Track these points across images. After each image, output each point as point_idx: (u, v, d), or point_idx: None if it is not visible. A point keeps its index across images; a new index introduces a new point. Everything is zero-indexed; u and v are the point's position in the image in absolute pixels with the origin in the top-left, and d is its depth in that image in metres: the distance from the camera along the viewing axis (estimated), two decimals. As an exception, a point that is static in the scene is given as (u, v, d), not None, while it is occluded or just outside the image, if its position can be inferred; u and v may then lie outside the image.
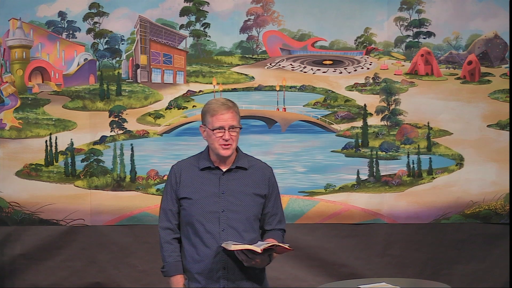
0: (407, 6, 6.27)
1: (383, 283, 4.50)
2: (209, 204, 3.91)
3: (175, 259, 3.94)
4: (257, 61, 6.33)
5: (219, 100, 3.96)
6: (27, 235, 6.29)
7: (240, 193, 3.93)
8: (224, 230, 3.88)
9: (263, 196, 3.98)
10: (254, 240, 3.88)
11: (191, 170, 3.97)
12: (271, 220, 4.02)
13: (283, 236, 4.06)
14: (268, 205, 4.01)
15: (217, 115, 3.89)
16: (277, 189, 4.09)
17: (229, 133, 3.88)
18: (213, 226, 3.88)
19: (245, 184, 3.95)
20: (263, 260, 3.81)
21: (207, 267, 3.88)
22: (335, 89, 6.34)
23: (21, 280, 6.27)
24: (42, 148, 6.31)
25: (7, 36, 6.31)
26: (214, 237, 3.87)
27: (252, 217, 3.93)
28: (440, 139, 6.29)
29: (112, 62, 6.33)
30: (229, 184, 3.94)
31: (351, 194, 6.28)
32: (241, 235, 3.88)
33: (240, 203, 3.92)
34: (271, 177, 4.05)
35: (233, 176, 3.96)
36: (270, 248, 3.74)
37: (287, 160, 6.32)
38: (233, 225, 3.89)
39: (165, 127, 6.31)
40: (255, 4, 6.28)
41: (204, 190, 3.93)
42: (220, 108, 3.90)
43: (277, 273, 6.22)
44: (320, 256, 6.24)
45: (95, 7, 6.29)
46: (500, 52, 6.29)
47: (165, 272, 3.96)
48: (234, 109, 3.91)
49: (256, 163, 4.05)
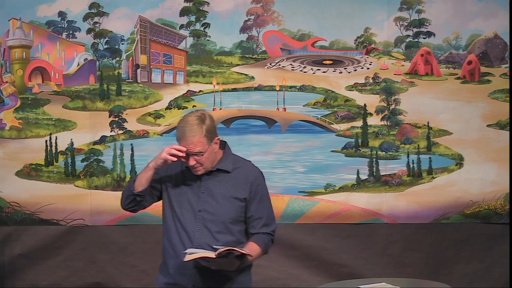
0: (407, 6, 6.27)
1: (383, 283, 4.50)
2: (188, 203, 3.90)
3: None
4: (257, 61, 6.33)
5: (185, 124, 3.85)
6: (27, 235, 6.30)
7: (218, 195, 3.91)
8: (199, 230, 3.87)
9: (242, 199, 3.93)
10: (230, 242, 3.84)
11: (181, 166, 3.96)
12: (255, 223, 3.97)
13: (271, 240, 4.02)
14: (251, 209, 3.95)
15: (180, 142, 3.85)
16: (264, 193, 4.01)
17: (193, 158, 3.83)
18: (189, 225, 3.88)
19: (225, 186, 3.92)
20: (227, 263, 3.76)
21: (180, 264, 3.87)
22: (335, 89, 6.34)
23: (21, 280, 6.27)
24: (42, 148, 6.31)
25: (7, 36, 6.31)
26: (188, 236, 3.87)
27: (229, 220, 3.90)
28: (440, 139, 6.29)
29: (112, 62, 6.34)
30: (209, 185, 3.92)
31: (351, 194, 6.28)
32: (214, 236, 3.86)
33: (217, 205, 3.90)
34: (255, 181, 3.97)
35: (215, 177, 3.94)
36: (230, 252, 3.70)
37: (287, 160, 6.32)
38: (207, 226, 3.88)
39: (165, 127, 6.32)
40: (255, 4, 6.28)
41: (186, 188, 3.93)
42: (182, 136, 3.83)
43: (277, 273, 6.22)
44: (320, 256, 6.24)
45: (95, 7, 6.29)
46: (500, 52, 6.29)
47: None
48: (200, 133, 3.82)
49: (242, 166, 4.01)
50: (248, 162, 4.07)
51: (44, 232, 6.30)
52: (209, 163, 3.90)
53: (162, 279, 3.99)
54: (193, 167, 3.87)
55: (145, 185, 3.89)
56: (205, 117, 3.87)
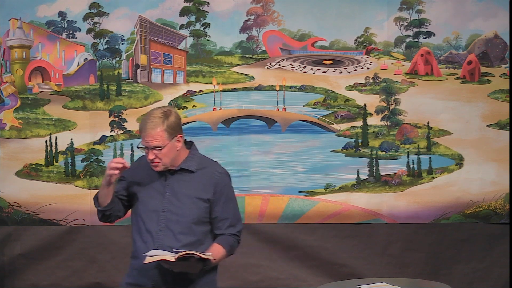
0: (407, 6, 6.27)
1: (383, 283, 4.50)
2: (152, 203, 3.89)
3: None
4: (257, 61, 6.33)
5: (150, 116, 3.85)
6: (27, 235, 6.29)
7: (182, 195, 3.89)
8: (162, 230, 3.85)
9: (206, 200, 3.90)
10: (192, 243, 3.83)
11: (147, 166, 3.94)
12: (220, 224, 3.93)
13: (237, 241, 3.99)
14: (216, 210, 3.92)
15: (142, 133, 3.84)
16: (229, 194, 3.98)
17: (152, 152, 3.82)
18: (153, 225, 3.87)
19: (189, 187, 3.91)
20: (189, 266, 3.74)
21: (141, 265, 3.85)
22: (335, 89, 6.34)
23: (21, 280, 6.27)
24: (42, 148, 6.31)
25: (7, 36, 6.31)
26: (151, 236, 3.85)
27: (192, 221, 3.88)
28: (440, 139, 6.29)
29: (112, 62, 6.34)
30: (174, 185, 3.91)
31: (351, 194, 6.28)
32: (176, 237, 3.84)
33: (181, 205, 3.88)
34: (220, 182, 3.94)
35: (179, 177, 3.92)
36: (191, 256, 3.68)
37: (287, 160, 6.32)
38: (170, 226, 3.86)
39: (165, 127, 6.31)
40: (255, 4, 6.28)
41: (151, 188, 3.92)
42: (145, 127, 3.82)
43: (277, 273, 6.23)
44: (320, 256, 6.24)
45: (95, 7, 6.30)
46: (500, 52, 6.29)
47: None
48: (160, 127, 3.82)
49: (207, 166, 3.98)
50: (214, 163, 4.03)
51: (44, 232, 6.30)
52: (168, 160, 3.86)
53: (125, 279, 4.00)
54: (152, 161, 3.84)
55: (108, 200, 3.89)
56: (170, 113, 3.87)
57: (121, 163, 3.79)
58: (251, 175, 6.29)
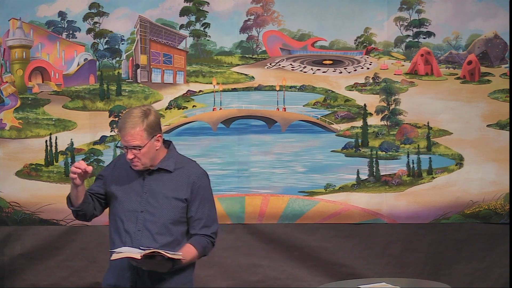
0: (407, 6, 6.27)
1: (383, 283, 4.50)
2: (131, 203, 3.89)
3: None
4: (257, 61, 6.33)
5: (129, 115, 3.84)
6: (27, 235, 6.29)
7: (160, 195, 3.89)
8: (140, 231, 3.85)
9: (183, 200, 3.90)
10: (170, 243, 3.83)
11: (126, 165, 3.94)
12: (195, 224, 3.92)
13: (211, 242, 3.96)
14: (191, 210, 3.91)
15: (121, 132, 3.82)
16: (206, 194, 3.96)
17: (131, 152, 3.81)
18: (131, 225, 3.86)
19: (167, 186, 3.90)
20: (157, 265, 3.73)
21: (119, 265, 3.87)
22: (335, 89, 6.34)
23: (21, 280, 6.27)
24: (42, 148, 6.31)
25: (7, 36, 6.31)
26: (130, 236, 3.85)
27: (169, 221, 3.87)
28: (440, 139, 6.29)
29: (112, 62, 6.34)
30: (152, 185, 3.90)
31: (351, 194, 6.28)
32: (154, 237, 3.84)
33: (158, 205, 3.87)
34: (197, 181, 3.93)
35: (157, 177, 3.91)
36: (158, 254, 3.67)
37: (287, 160, 6.32)
38: (148, 226, 3.85)
39: (165, 127, 6.31)
40: (255, 4, 6.28)
41: (129, 188, 3.91)
42: (124, 126, 3.80)
43: (277, 273, 6.23)
44: (320, 256, 6.24)
45: (95, 7, 6.30)
46: (500, 52, 6.29)
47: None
48: (140, 126, 3.80)
49: (185, 166, 3.97)
50: (192, 162, 4.02)
51: (44, 232, 6.30)
52: (147, 159, 3.85)
53: (105, 280, 4.00)
54: (131, 161, 3.83)
55: (79, 200, 3.88)
56: (149, 112, 3.84)
57: (80, 168, 3.76)
58: (251, 175, 6.29)
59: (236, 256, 6.25)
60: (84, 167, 3.76)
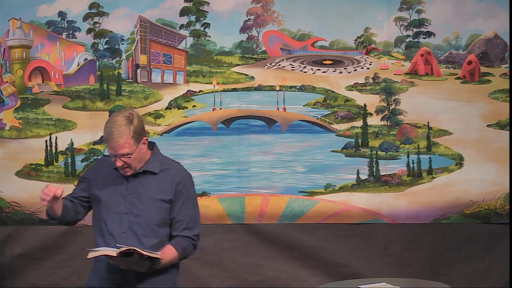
0: (407, 6, 6.27)
1: (383, 283, 4.51)
2: (115, 205, 3.88)
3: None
4: (257, 61, 6.33)
5: (112, 125, 3.79)
6: (27, 235, 6.29)
7: (145, 197, 3.88)
8: (124, 233, 3.84)
9: (167, 201, 3.89)
10: (155, 245, 3.82)
11: (109, 167, 3.94)
12: (177, 225, 3.91)
13: (192, 245, 3.95)
14: (174, 211, 3.91)
15: (109, 142, 3.80)
16: (189, 196, 3.95)
17: (120, 160, 3.80)
18: (115, 228, 3.86)
19: (152, 188, 3.89)
20: (135, 264, 3.73)
21: (105, 268, 3.87)
22: (335, 89, 6.34)
23: (21, 280, 6.27)
24: (42, 148, 6.31)
25: (7, 36, 6.31)
26: (114, 239, 3.84)
27: (155, 223, 3.87)
28: (440, 139, 6.29)
29: (112, 62, 6.34)
30: (136, 186, 3.89)
31: (351, 194, 6.28)
32: (140, 239, 3.83)
33: (143, 207, 3.87)
34: (181, 182, 3.93)
35: (142, 179, 3.91)
36: (134, 252, 3.67)
37: (287, 160, 6.32)
38: (133, 228, 3.85)
39: (165, 127, 6.32)
40: (255, 4, 6.28)
41: (113, 190, 3.90)
42: (111, 136, 3.77)
43: (277, 273, 6.23)
44: (320, 256, 6.24)
45: (95, 7, 6.30)
46: (500, 52, 6.29)
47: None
48: (127, 134, 3.78)
49: (169, 167, 3.96)
50: (176, 164, 4.02)
51: (44, 232, 6.30)
52: (137, 164, 3.86)
53: (88, 282, 4.02)
54: (121, 168, 3.83)
55: (58, 214, 3.87)
56: (133, 117, 3.82)
57: (49, 195, 3.73)
58: (251, 175, 6.29)
59: (236, 256, 6.25)
60: (53, 192, 3.73)
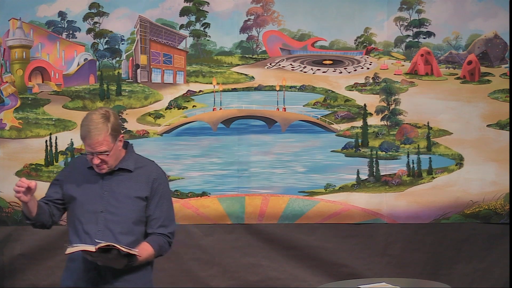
0: (407, 6, 6.27)
1: (383, 283, 4.51)
2: (90, 204, 3.88)
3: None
4: (257, 61, 6.33)
5: (89, 122, 3.81)
6: (27, 235, 6.29)
7: (121, 195, 3.89)
8: (101, 231, 3.84)
9: (144, 198, 3.91)
10: (132, 243, 3.82)
11: (83, 167, 3.95)
12: (152, 223, 3.93)
13: (167, 242, 3.96)
14: (150, 208, 3.92)
15: (85, 141, 3.81)
16: (164, 193, 3.97)
17: (97, 157, 3.82)
18: (91, 226, 3.86)
19: (128, 186, 3.90)
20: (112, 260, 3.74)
21: (80, 267, 3.88)
22: (335, 89, 6.34)
23: (21, 280, 6.27)
24: (42, 148, 6.31)
25: (7, 36, 6.31)
26: (90, 238, 3.83)
27: (132, 220, 3.88)
28: (440, 139, 6.29)
29: (112, 62, 6.34)
30: (112, 185, 3.90)
31: (351, 194, 6.28)
32: (116, 237, 3.83)
33: (119, 205, 3.88)
34: (157, 179, 3.95)
35: (117, 177, 3.92)
36: (113, 248, 3.67)
37: (287, 160, 6.32)
38: (110, 226, 3.85)
39: (165, 127, 6.32)
40: (255, 4, 6.28)
41: (88, 189, 3.91)
42: (89, 134, 3.78)
43: (277, 273, 6.22)
44: (320, 256, 6.24)
45: (95, 7, 6.30)
46: (500, 52, 6.29)
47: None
48: (105, 132, 3.80)
49: (145, 165, 3.98)
50: (151, 162, 4.04)
51: (44, 232, 6.24)
52: (113, 161, 3.88)
53: (63, 282, 4.02)
54: (98, 165, 3.84)
55: (33, 213, 3.90)
56: (109, 114, 3.84)
57: (23, 186, 3.77)
58: (251, 175, 6.29)
59: (236, 256, 6.25)
60: (27, 183, 3.77)
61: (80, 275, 3.90)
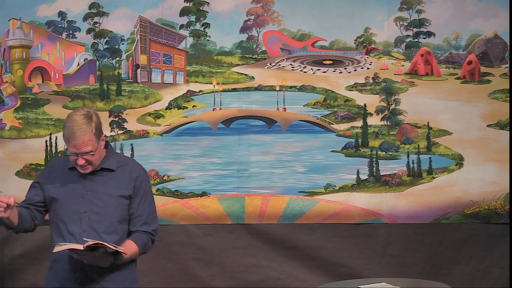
0: (407, 6, 6.27)
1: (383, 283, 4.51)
2: (73, 204, 3.89)
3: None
4: (257, 61, 6.33)
5: (73, 123, 3.81)
6: (27, 235, 6.22)
7: (104, 194, 3.90)
8: (85, 231, 3.85)
9: (127, 197, 3.93)
10: (116, 243, 3.83)
11: (63, 168, 3.95)
12: (136, 221, 3.95)
13: (151, 240, 3.98)
14: (133, 206, 3.94)
15: (69, 142, 3.82)
16: (146, 191, 4.00)
17: (82, 158, 3.82)
18: (75, 227, 3.86)
19: (111, 185, 3.92)
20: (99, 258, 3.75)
21: (66, 268, 3.87)
22: (335, 89, 6.34)
23: (21, 280, 6.27)
24: (42, 148, 6.31)
25: (7, 36, 6.31)
26: (75, 238, 3.84)
27: (116, 219, 3.89)
28: (440, 139, 6.29)
29: (112, 62, 6.34)
30: (94, 184, 3.91)
31: (351, 194, 6.28)
32: (101, 236, 3.84)
33: (103, 204, 3.89)
34: (139, 177, 3.97)
35: (99, 177, 3.93)
36: (101, 246, 3.68)
37: (287, 160, 6.32)
38: (94, 226, 3.86)
39: (165, 127, 6.32)
40: (255, 4, 6.28)
41: (70, 190, 3.91)
42: (73, 135, 3.79)
43: (277, 273, 6.23)
44: (320, 256, 6.24)
45: (95, 7, 6.30)
46: (500, 52, 6.29)
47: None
48: (90, 132, 3.81)
49: (126, 164, 4.01)
50: (132, 160, 4.08)
51: (44, 232, 6.25)
52: (97, 161, 3.89)
53: (47, 283, 3.99)
54: (82, 166, 3.85)
55: (14, 223, 3.89)
56: (91, 114, 3.85)
57: (2, 206, 3.72)
58: (251, 175, 6.29)
59: (236, 256, 6.25)
60: (5, 201, 3.73)
61: (66, 275, 3.89)
